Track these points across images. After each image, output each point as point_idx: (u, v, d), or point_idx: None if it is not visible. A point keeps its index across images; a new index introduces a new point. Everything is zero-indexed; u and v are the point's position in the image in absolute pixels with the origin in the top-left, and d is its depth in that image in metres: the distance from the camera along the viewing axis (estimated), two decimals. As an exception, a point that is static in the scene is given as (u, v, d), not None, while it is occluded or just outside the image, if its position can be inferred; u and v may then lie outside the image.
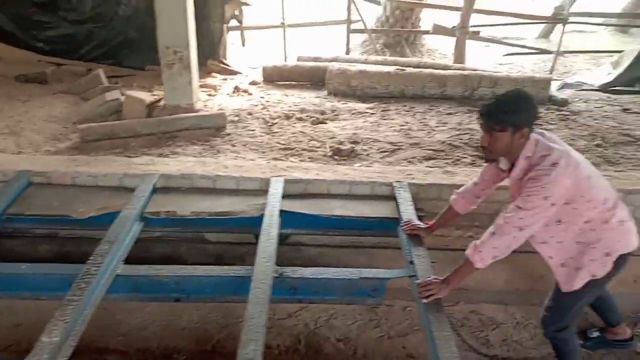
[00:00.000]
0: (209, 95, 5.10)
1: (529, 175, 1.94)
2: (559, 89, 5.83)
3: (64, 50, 5.99)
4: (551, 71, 6.68)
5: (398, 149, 4.07)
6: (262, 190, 3.19)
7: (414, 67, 5.61)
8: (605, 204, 2.01)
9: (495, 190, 2.50)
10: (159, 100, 4.57)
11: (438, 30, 6.83)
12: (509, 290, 3.07)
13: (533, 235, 2.04)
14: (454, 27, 6.81)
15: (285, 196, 3.09)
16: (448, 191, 3.22)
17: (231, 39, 6.62)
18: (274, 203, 2.94)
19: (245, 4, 6.15)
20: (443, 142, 4.16)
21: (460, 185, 3.10)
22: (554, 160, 1.91)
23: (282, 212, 2.90)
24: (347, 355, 2.63)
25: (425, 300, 2.15)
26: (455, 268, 2.16)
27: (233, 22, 6.32)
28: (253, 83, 5.61)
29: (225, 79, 5.72)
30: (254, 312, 2.11)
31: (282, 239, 3.02)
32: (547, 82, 5.19)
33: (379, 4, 7.82)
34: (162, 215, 2.98)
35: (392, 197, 3.15)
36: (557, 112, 4.91)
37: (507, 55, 7.91)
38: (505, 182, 2.27)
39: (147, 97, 4.47)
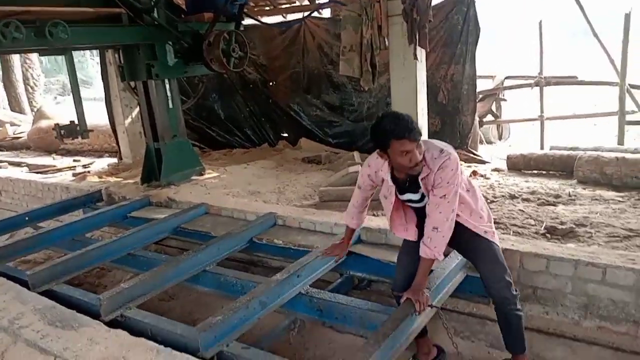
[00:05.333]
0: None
1: (439, 166, 2.27)
2: None
3: (345, 143, 7.31)
4: None
5: (636, 236, 3.34)
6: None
7: None
8: None
9: None
10: (392, 176, 5.08)
11: None
12: None
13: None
14: None
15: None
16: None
17: (490, 132, 6.73)
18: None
19: (502, 100, 6.24)
20: None
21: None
22: (440, 148, 2.32)
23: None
24: None
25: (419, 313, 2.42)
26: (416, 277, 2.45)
27: (490, 117, 6.47)
28: (495, 170, 5.53)
29: (469, 166, 5.84)
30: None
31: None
32: None
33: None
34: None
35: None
36: None
37: None
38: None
39: (381, 171, 5.04)
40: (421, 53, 4.54)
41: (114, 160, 7.35)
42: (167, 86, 5.23)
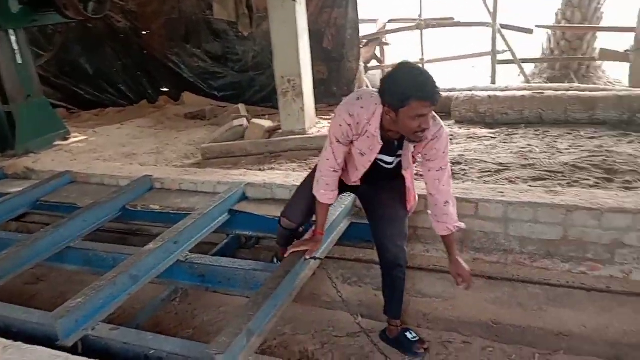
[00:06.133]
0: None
1: (433, 135, 2.09)
2: None
3: (231, 95, 6.94)
4: None
5: (505, 169, 3.54)
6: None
7: (564, 91, 4.86)
8: None
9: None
10: (279, 127, 4.91)
11: (606, 55, 5.80)
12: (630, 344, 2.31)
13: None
14: (627, 50, 5.70)
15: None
16: (546, 213, 2.73)
17: (377, 78, 6.79)
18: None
19: (386, 44, 6.27)
20: (566, 163, 3.47)
21: (562, 206, 2.70)
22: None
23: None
24: None
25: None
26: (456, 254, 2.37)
27: (374, 62, 6.50)
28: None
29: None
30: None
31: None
32: None
33: (530, 32, 7.04)
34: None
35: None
36: None
37: None
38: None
39: (267, 124, 4.85)
40: (299, -6, 4.32)
41: (-38, 128, 6.32)
42: (13, 38, 4.50)
